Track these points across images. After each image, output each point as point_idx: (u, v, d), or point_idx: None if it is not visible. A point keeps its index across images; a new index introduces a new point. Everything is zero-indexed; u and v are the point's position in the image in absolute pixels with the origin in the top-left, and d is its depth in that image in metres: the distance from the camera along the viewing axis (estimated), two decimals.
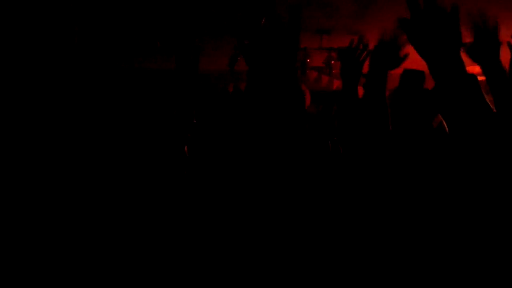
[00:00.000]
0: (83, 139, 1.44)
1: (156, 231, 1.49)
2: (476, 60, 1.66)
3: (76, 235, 1.35)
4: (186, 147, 2.11)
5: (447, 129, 1.14)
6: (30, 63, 1.30)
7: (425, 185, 1.55)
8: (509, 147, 1.02)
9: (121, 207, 1.50)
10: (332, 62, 5.62)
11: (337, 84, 6.30)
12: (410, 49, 2.02)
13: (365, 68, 2.05)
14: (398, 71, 2.00)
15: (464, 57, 1.13)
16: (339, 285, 1.41)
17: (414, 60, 1.83)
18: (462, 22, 1.12)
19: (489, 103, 1.09)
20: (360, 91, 1.98)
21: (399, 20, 1.18)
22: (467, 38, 1.96)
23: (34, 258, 1.27)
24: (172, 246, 1.45)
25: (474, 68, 1.37)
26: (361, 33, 2.72)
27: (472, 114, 1.04)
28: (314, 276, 1.40)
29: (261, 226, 1.44)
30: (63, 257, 1.31)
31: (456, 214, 1.16)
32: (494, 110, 1.72)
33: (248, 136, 1.61)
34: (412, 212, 1.50)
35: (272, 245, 1.42)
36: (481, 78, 1.38)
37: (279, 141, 1.63)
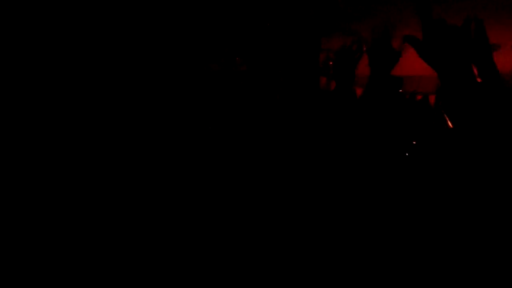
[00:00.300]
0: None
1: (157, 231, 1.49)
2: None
3: (76, 235, 1.35)
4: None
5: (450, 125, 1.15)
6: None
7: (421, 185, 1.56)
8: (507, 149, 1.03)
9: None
10: (330, 63, 5.61)
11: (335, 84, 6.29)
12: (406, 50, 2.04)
13: (360, 70, 2.06)
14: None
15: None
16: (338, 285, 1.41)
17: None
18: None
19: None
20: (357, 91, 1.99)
21: (404, 38, 1.20)
22: None
23: (33, 258, 1.27)
24: (173, 246, 1.45)
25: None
26: (359, 34, 2.72)
27: (482, 121, 1.05)
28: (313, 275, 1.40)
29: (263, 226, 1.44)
30: (62, 257, 1.30)
31: (455, 215, 1.16)
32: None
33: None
34: (410, 212, 1.50)
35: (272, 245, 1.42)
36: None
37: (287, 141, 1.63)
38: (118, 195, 1.47)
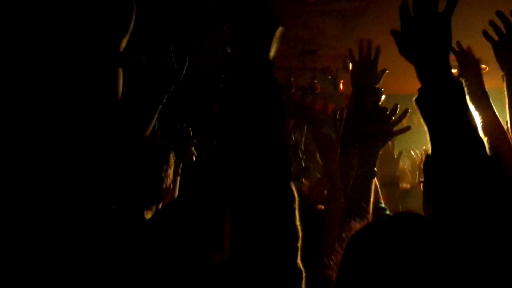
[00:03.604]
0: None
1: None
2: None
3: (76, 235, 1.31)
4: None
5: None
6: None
7: None
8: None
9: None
10: (316, 81, 5.66)
11: (320, 104, 6.34)
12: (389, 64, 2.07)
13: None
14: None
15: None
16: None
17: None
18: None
19: (472, 112, 1.09)
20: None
21: (391, 32, 1.16)
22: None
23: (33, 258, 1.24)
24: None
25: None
26: (346, 53, 2.72)
27: (455, 121, 1.03)
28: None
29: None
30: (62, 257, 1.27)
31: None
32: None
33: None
34: None
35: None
36: None
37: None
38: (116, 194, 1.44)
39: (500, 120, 1.94)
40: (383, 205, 2.20)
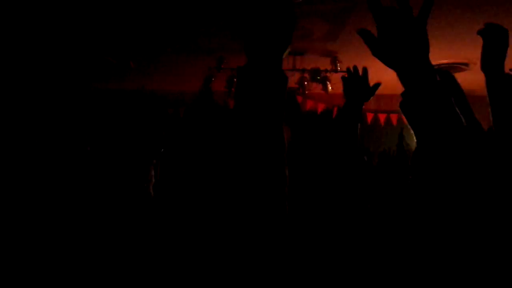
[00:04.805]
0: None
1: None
2: (484, 69, 1.67)
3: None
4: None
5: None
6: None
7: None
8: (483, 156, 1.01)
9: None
10: (305, 83, 5.68)
11: (310, 104, 6.36)
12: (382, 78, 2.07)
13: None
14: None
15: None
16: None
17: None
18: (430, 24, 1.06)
19: (459, 112, 1.04)
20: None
21: (358, 31, 1.11)
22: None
23: (33, 258, 1.23)
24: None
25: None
26: (334, 54, 2.73)
27: (442, 122, 0.99)
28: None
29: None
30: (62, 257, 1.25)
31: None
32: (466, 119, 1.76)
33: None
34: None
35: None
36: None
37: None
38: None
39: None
40: None
